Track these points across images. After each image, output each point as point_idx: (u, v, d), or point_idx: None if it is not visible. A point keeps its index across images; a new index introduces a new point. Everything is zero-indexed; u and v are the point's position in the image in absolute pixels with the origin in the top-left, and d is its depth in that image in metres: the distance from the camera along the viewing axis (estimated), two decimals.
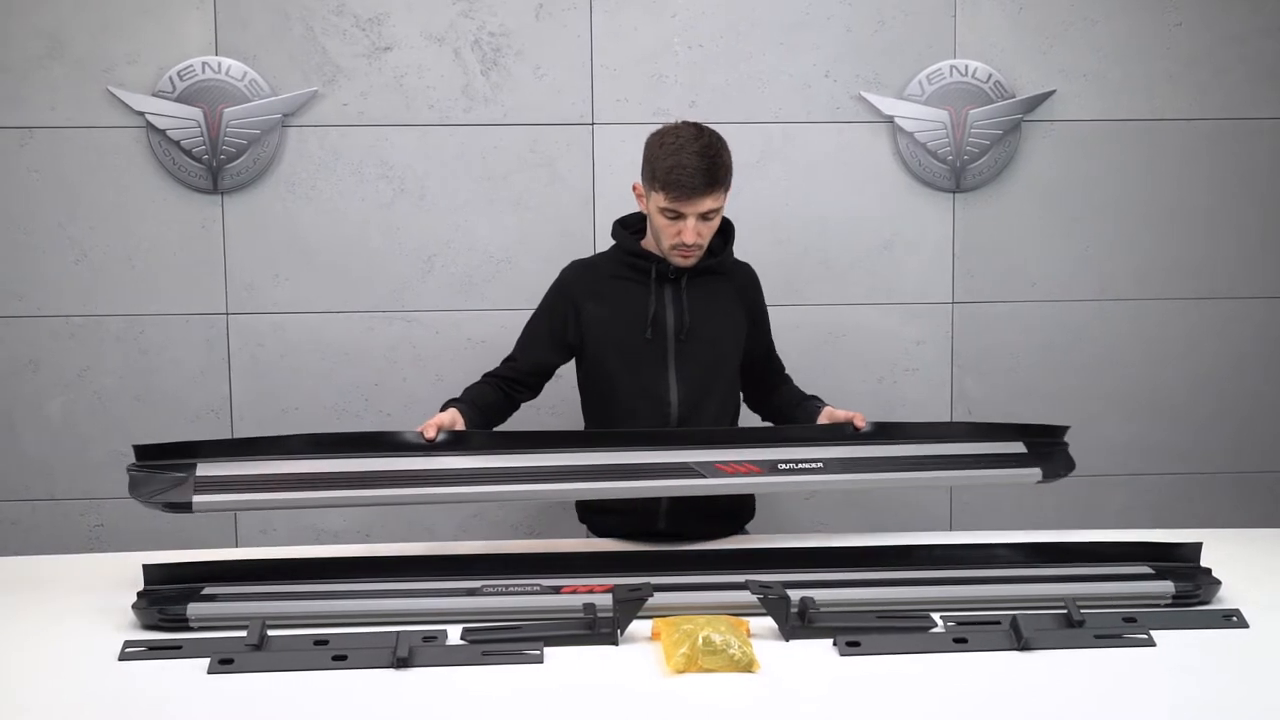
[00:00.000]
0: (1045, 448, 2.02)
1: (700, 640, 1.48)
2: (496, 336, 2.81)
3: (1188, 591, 1.72)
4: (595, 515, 2.28)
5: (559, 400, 2.53)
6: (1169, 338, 2.94)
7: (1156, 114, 2.88)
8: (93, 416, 2.77)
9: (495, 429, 2.14)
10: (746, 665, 1.48)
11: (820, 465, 1.92)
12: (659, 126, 2.11)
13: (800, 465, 1.92)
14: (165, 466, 1.79)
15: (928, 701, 1.42)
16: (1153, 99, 2.87)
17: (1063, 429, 2.05)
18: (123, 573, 1.82)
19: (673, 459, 1.90)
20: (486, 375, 2.24)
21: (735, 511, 2.26)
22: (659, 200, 2.04)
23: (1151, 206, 2.91)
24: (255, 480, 1.80)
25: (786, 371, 2.39)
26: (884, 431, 2.01)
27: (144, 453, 1.80)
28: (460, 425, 1.98)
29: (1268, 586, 1.81)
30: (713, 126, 2.11)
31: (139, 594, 1.70)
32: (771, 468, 1.90)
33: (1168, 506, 2.96)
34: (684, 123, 2.09)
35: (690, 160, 2.00)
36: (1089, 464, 2.59)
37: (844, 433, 2.01)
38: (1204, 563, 1.82)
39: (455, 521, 2.88)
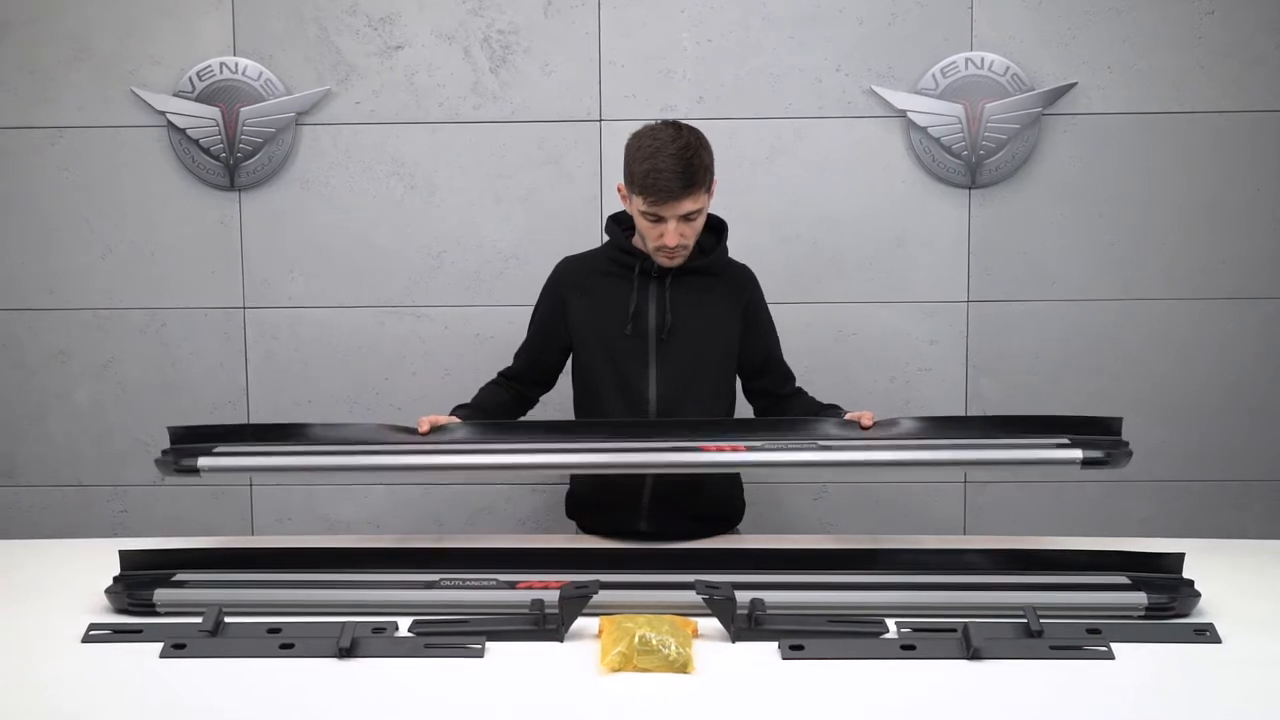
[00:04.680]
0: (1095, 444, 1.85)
1: (636, 639, 1.48)
2: (504, 332, 2.84)
3: (1161, 604, 1.64)
4: (582, 512, 2.29)
5: (561, 396, 2.53)
6: (1195, 338, 2.82)
7: (1185, 106, 2.76)
8: (117, 406, 2.87)
9: (489, 420, 2.17)
10: (682, 666, 1.47)
11: (814, 445, 1.90)
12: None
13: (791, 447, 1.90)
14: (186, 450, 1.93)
15: (864, 708, 1.39)
16: (1181, 91, 2.76)
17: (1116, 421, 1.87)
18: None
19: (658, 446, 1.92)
20: (501, 373, 2.29)
21: (722, 510, 2.24)
22: (639, 204, 2.04)
23: (1178, 202, 2.79)
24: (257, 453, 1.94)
25: (799, 384, 2.30)
26: (893, 423, 1.96)
27: (177, 436, 1.95)
28: None
29: (1254, 601, 1.73)
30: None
31: (114, 578, 1.75)
32: (756, 445, 1.88)
33: (1194, 515, 2.85)
34: (662, 123, 2.06)
35: (666, 164, 1.97)
36: (1112, 470, 2.49)
37: (852, 430, 1.96)
38: (1193, 575, 1.74)
39: (463, 516, 2.91)
